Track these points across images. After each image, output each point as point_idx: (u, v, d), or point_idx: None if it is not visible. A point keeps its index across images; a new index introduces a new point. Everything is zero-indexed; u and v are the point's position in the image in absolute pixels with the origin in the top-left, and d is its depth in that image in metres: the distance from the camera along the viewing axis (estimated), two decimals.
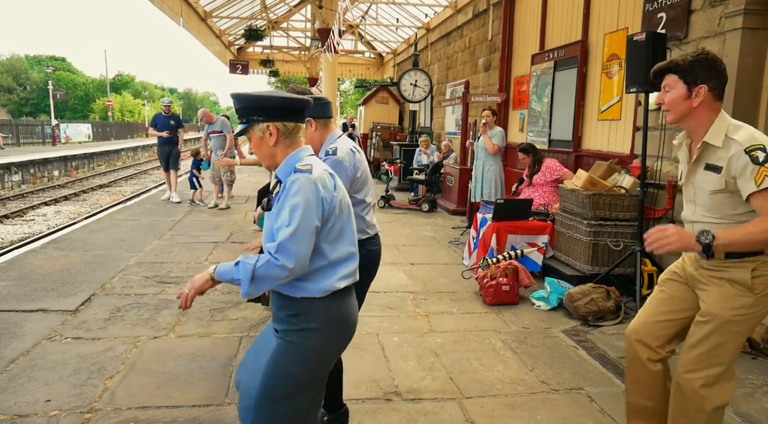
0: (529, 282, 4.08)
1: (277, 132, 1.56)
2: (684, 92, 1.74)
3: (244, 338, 3.28)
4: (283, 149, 1.58)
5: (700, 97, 1.73)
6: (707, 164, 1.75)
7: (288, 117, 1.57)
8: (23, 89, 53.28)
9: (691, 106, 1.74)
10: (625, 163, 4.63)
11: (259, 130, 1.57)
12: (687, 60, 1.74)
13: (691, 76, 1.73)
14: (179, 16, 11.22)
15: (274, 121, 1.55)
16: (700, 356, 1.77)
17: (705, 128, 1.75)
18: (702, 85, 1.72)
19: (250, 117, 1.56)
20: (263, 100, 1.56)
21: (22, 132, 26.01)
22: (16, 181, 14.36)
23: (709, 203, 1.76)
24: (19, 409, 2.40)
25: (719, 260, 1.75)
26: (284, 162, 1.58)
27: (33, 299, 3.86)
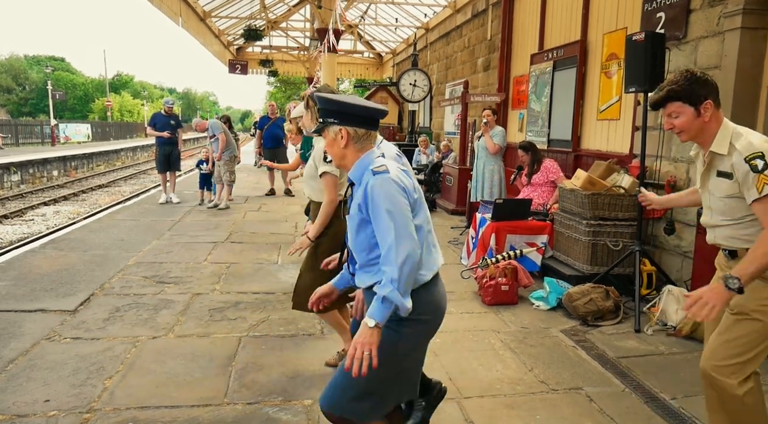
0: (528, 282, 4.08)
1: (348, 136, 1.66)
2: (693, 112, 1.83)
3: (243, 337, 3.27)
4: (353, 152, 1.68)
5: (709, 112, 1.83)
6: (719, 171, 1.84)
7: (361, 124, 1.66)
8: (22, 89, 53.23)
9: (704, 122, 1.84)
10: (624, 162, 4.63)
11: (333, 132, 1.68)
12: (682, 84, 1.84)
13: (694, 97, 1.82)
14: (178, 15, 11.22)
15: (347, 126, 1.66)
16: (726, 346, 1.82)
17: (712, 138, 1.85)
18: (707, 100, 1.82)
19: (326, 118, 1.68)
20: (340, 105, 1.66)
21: (22, 132, 25.98)
22: (16, 182, 14.35)
23: (723, 207, 1.86)
24: (18, 409, 2.39)
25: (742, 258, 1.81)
26: (355, 165, 1.68)
27: (32, 299, 3.86)
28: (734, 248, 1.87)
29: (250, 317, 3.61)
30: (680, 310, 3.43)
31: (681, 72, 1.89)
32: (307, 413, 2.43)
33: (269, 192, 9.45)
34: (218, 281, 4.44)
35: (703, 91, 1.82)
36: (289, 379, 2.75)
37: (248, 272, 4.71)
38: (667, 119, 1.91)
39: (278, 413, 2.42)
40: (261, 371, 2.82)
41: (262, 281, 4.46)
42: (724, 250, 1.93)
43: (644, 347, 3.23)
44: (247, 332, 3.37)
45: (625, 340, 3.32)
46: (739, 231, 1.83)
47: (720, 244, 1.92)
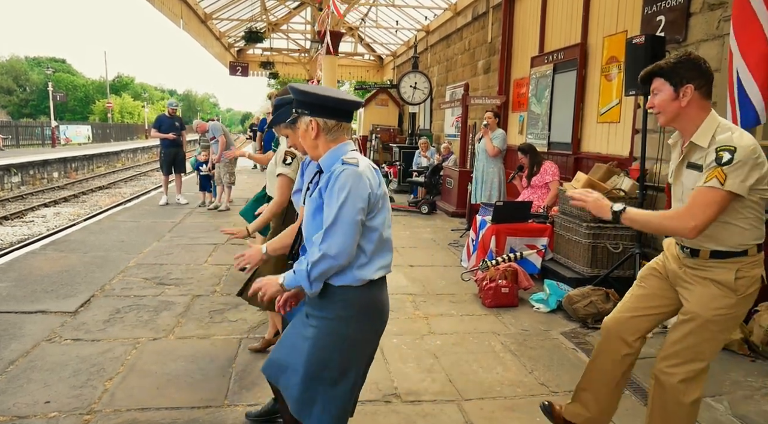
0: (528, 284, 4.08)
1: (318, 127, 1.66)
2: (671, 93, 1.77)
3: (243, 339, 3.28)
4: (324, 143, 1.67)
5: (687, 97, 1.75)
6: (689, 163, 1.80)
7: (331, 115, 1.65)
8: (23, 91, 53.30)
9: (680, 107, 1.77)
10: (624, 165, 4.64)
11: (304, 123, 1.68)
12: (670, 62, 1.78)
13: (676, 77, 1.76)
14: (179, 18, 11.24)
15: (317, 116, 1.65)
16: (682, 352, 1.82)
17: (695, 127, 1.77)
18: (688, 84, 1.74)
19: (297, 109, 1.69)
20: (310, 96, 1.66)
21: (22, 133, 26.00)
22: (16, 183, 14.36)
23: None
24: (19, 410, 2.39)
25: (703, 259, 1.80)
26: (327, 154, 1.66)
27: (32, 300, 3.86)
28: (697, 247, 1.80)
29: (251, 319, 3.61)
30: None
31: (680, 52, 1.84)
32: None
33: None
34: (218, 282, 4.44)
35: (688, 74, 1.74)
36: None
37: (248, 274, 4.70)
38: (650, 97, 1.86)
39: None
40: (261, 373, 2.82)
41: None
42: (684, 247, 1.84)
43: (644, 349, 3.18)
44: (247, 333, 3.37)
45: None
46: (708, 230, 1.72)
47: (684, 241, 1.83)
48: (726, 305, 1.76)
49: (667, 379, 1.84)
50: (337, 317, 1.64)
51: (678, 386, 1.81)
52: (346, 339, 1.65)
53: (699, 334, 1.79)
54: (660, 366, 1.87)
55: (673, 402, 1.83)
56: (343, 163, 1.59)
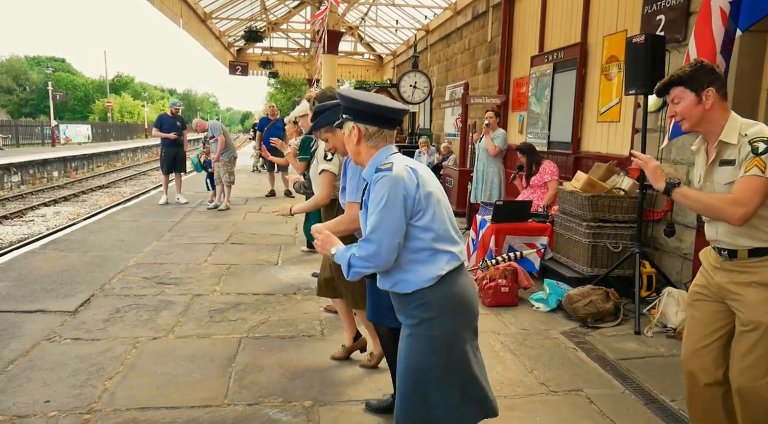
0: (528, 284, 4.08)
1: (359, 133, 1.71)
2: (694, 98, 1.82)
3: (243, 339, 3.27)
4: (366, 150, 1.72)
5: (710, 100, 1.80)
6: (722, 160, 1.82)
7: (372, 121, 1.69)
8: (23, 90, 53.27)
9: (704, 110, 1.81)
10: (624, 164, 4.63)
11: (347, 128, 1.74)
12: (687, 71, 1.83)
13: (696, 83, 1.81)
14: (179, 17, 11.24)
15: (359, 122, 1.70)
16: (756, 362, 1.78)
17: (720, 128, 1.82)
18: (709, 87, 1.80)
19: (343, 115, 1.74)
20: (354, 102, 1.71)
21: (22, 133, 25.99)
22: (16, 182, 14.36)
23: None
24: (18, 410, 2.39)
25: (742, 259, 1.80)
26: (369, 163, 1.71)
27: (32, 299, 3.86)
28: (735, 247, 1.81)
29: (250, 318, 3.61)
30: (680, 312, 3.43)
31: (692, 62, 1.88)
32: (308, 414, 2.43)
33: (269, 193, 9.46)
34: (218, 282, 4.44)
35: (707, 79, 1.80)
36: (289, 380, 2.75)
37: (248, 273, 4.71)
38: (670, 106, 1.89)
39: (278, 414, 2.42)
40: (261, 373, 2.82)
41: (262, 282, 4.46)
42: (722, 249, 1.86)
43: (644, 348, 3.23)
44: (247, 333, 3.37)
45: (625, 342, 3.32)
46: (743, 227, 1.76)
47: (721, 241, 1.85)
48: None
49: (750, 391, 1.79)
50: (422, 320, 1.64)
51: (765, 395, 1.77)
52: (438, 339, 1.64)
53: (765, 340, 1.76)
54: (740, 381, 1.82)
55: (764, 412, 1.80)
56: (377, 171, 1.62)
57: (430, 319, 1.64)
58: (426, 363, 1.64)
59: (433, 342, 1.64)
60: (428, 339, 1.64)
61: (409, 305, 1.66)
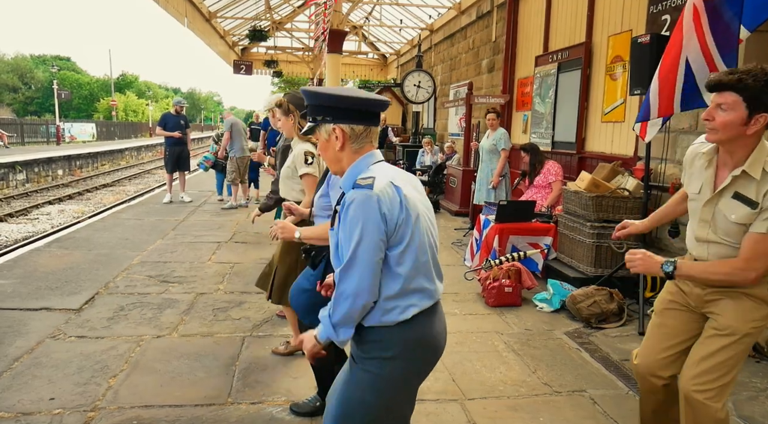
0: (531, 284, 4.07)
1: (344, 135, 1.42)
2: (743, 117, 1.57)
3: (246, 337, 3.28)
4: (349, 154, 1.45)
5: (757, 126, 1.58)
6: (737, 193, 1.65)
7: (358, 119, 1.42)
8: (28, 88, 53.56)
9: (744, 134, 1.60)
10: (628, 165, 4.62)
11: (326, 131, 1.44)
12: (759, 83, 1.54)
13: (756, 103, 1.56)
14: (184, 16, 11.26)
15: (342, 123, 1.42)
16: (713, 368, 1.73)
17: (746, 154, 1.63)
18: (765, 113, 1.57)
19: (316, 116, 1.44)
20: (332, 99, 1.43)
21: (27, 131, 26.11)
22: (21, 180, 14.43)
23: (728, 229, 1.69)
24: (23, 407, 2.41)
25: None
26: (348, 171, 1.45)
27: (37, 297, 3.88)
28: None
29: (254, 317, 3.62)
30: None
31: (763, 66, 1.58)
32: None
33: None
34: (222, 280, 4.45)
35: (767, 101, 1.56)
36: (292, 379, 2.75)
37: (252, 272, 4.71)
38: (711, 108, 1.64)
39: (281, 413, 2.43)
40: (264, 371, 2.83)
41: None
42: None
43: None
44: (250, 331, 3.38)
45: (629, 342, 3.31)
46: (737, 252, 1.68)
47: (707, 260, 1.76)
48: (762, 317, 1.71)
49: (699, 398, 1.73)
50: (373, 357, 1.43)
51: (709, 403, 1.72)
52: (384, 381, 1.43)
53: (734, 348, 1.72)
54: (690, 385, 1.75)
55: (708, 420, 1.74)
56: (355, 187, 1.35)
57: (383, 359, 1.42)
58: (363, 399, 1.44)
59: (378, 382, 1.43)
60: (374, 377, 1.43)
61: (364, 337, 1.44)
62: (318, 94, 1.44)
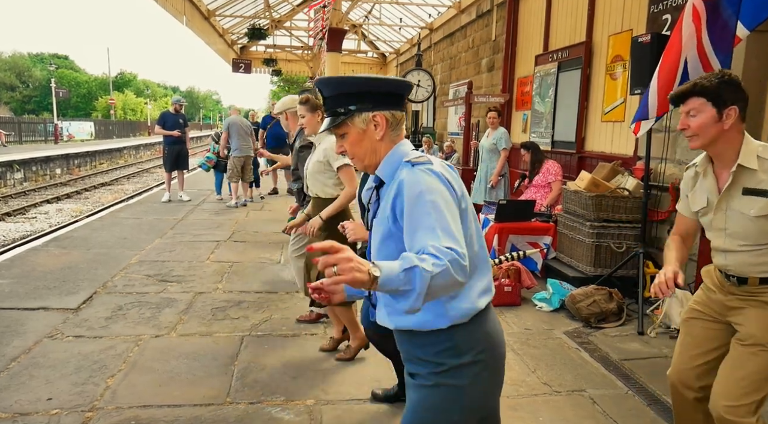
0: (531, 283, 4.07)
1: (386, 123, 1.27)
2: (714, 115, 1.64)
3: (245, 337, 3.27)
4: (387, 144, 1.29)
5: (731, 120, 1.63)
6: (746, 189, 1.65)
7: (394, 104, 1.29)
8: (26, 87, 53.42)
9: (722, 130, 1.64)
10: (628, 164, 4.61)
11: (363, 121, 1.27)
12: (713, 82, 1.65)
13: (720, 99, 1.64)
14: (182, 14, 11.23)
15: (382, 109, 1.27)
16: (741, 383, 1.67)
17: (735, 151, 1.66)
18: (733, 106, 1.64)
19: (349, 106, 1.26)
20: (369, 83, 1.27)
21: (25, 130, 26.05)
22: (18, 179, 14.39)
23: (746, 230, 1.66)
24: (21, 407, 2.39)
25: (753, 286, 1.70)
26: (388, 158, 1.28)
27: (34, 297, 3.86)
28: (745, 275, 1.70)
29: (253, 317, 3.61)
30: (684, 313, 3.41)
31: (715, 71, 1.71)
32: (310, 413, 2.43)
33: (272, 191, 9.46)
34: (221, 279, 4.44)
35: (732, 96, 1.63)
36: (291, 379, 2.74)
37: (251, 271, 4.71)
38: (683, 118, 1.70)
39: (280, 412, 2.42)
40: (263, 371, 2.82)
41: (265, 281, 4.46)
42: (730, 276, 1.74)
43: (647, 349, 3.22)
44: (249, 331, 3.36)
45: (628, 342, 3.31)
46: (758, 258, 1.66)
47: (730, 269, 1.73)
48: None
49: (730, 417, 1.66)
50: (450, 367, 1.24)
51: (743, 420, 1.65)
52: (467, 391, 1.25)
53: (762, 360, 1.65)
54: (719, 404, 1.68)
55: None
56: (413, 165, 1.19)
57: (461, 366, 1.24)
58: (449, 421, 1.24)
59: (462, 396, 1.24)
60: (455, 392, 1.24)
61: (432, 348, 1.25)
62: (351, 80, 1.29)
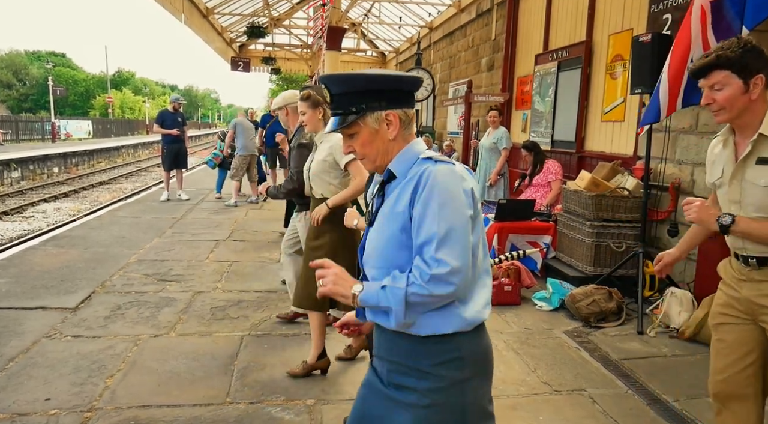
0: (531, 283, 4.07)
1: (399, 122, 1.22)
2: (741, 87, 1.56)
3: (245, 336, 3.26)
4: (400, 143, 1.24)
5: (758, 89, 1.56)
6: (760, 158, 1.59)
7: (406, 102, 1.25)
8: (23, 85, 53.22)
9: (750, 100, 1.57)
10: (628, 164, 4.61)
11: (375, 120, 1.21)
12: (737, 52, 1.55)
13: (746, 69, 1.55)
14: (181, 12, 11.19)
15: (395, 108, 1.22)
16: None
17: (759, 121, 1.59)
18: (758, 75, 1.55)
19: (361, 105, 1.20)
20: (383, 81, 1.22)
21: (22, 128, 25.96)
22: (16, 178, 14.34)
23: (760, 200, 1.58)
24: (19, 407, 2.38)
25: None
26: (400, 155, 1.24)
27: (32, 296, 3.85)
28: (765, 254, 1.59)
29: (252, 316, 3.60)
30: (683, 312, 3.42)
31: (733, 39, 1.59)
32: (310, 412, 2.42)
33: None
34: (220, 279, 4.43)
35: (757, 64, 1.55)
36: (291, 378, 2.73)
37: (250, 271, 4.69)
38: (707, 92, 1.62)
39: (281, 412, 2.41)
40: (263, 371, 2.81)
41: (264, 280, 4.44)
42: (749, 258, 1.63)
43: (647, 348, 3.22)
44: (249, 331, 3.35)
45: (628, 342, 3.31)
46: None
47: (747, 248, 1.62)
48: None
49: None
50: (452, 383, 1.17)
51: None
52: (470, 410, 1.19)
53: None
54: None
55: None
56: (437, 162, 1.17)
57: (463, 381, 1.18)
58: None
59: (464, 413, 1.18)
60: (458, 410, 1.17)
61: (435, 358, 1.17)
62: (363, 77, 1.22)
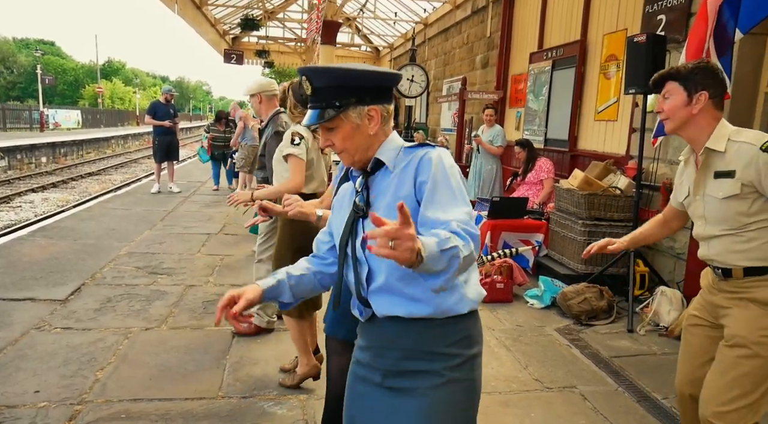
0: (523, 280, 4.09)
1: (380, 117, 1.23)
2: (684, 99, 1.70)
3: None
4: (380, 138, 1.25)
5: (700, 104, 1.68)
6: (716, 172, 1.68)
7: (386, 97, 1.25)
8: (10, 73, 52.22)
9: (691, 114, 1.70)
10: (620, 164, 4.65)
11: (357, 115, 1.20)
12: (687, 67, 1.72)
13: (691, 83, 1.70)
14: (174, 2, 11.04)
15: (377, 103, 1.22)
16: (727, 387, 1.62)
17: (706, 136, 1.70)
18: (703, 91, 1.68)
19: (344, 99, 1.19)
20: (367, 76, 1.20)
21: (9, 117, 25.49)
22: (3, 167, 14.09)
23: (723, 214, 1.67)
24: (7, 400, 2.35)
25: (737, 279, 1.68)
26: (384, 145, 1.25)
27: (21, 287, 3.79)
28: (729, 266, 1.67)
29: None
30: (673, 311, 3.47)
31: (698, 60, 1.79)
32: (303, 407, 2.42)
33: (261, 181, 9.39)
34: (212, 273, 4.40)
35: (703, 81, 1.68)
36: (284, 373, 2.73)
37: (242, 265, 4.67)
38: (659, 101, 1.77)
39: (273, 407, 2.41)
40: (256, 365, 2.81)
41: (256, 274, 4.42)
42: (716, 268, 1.72)
43: (637, 346, 3.26)
44: None
45: (618, 339, 3.35)
46: (738, 244, 1.63)
47: (714, 260, 1.71)
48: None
49: (717, 419, 1.61)
50: (464, 360, 1.20)
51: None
52: (476, 388, 1.24)
53: (749, 362, 1.61)
54: (706, 410, 1.64)
55: None
56: (433, 147, 1.21)
57: (473, 357, 1.21)
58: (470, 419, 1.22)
59: (475, 388, 1.22)
60: (471, 385, 1.21)
61: (448, 339, 1.19)
62: (348, 72, 1.18)
